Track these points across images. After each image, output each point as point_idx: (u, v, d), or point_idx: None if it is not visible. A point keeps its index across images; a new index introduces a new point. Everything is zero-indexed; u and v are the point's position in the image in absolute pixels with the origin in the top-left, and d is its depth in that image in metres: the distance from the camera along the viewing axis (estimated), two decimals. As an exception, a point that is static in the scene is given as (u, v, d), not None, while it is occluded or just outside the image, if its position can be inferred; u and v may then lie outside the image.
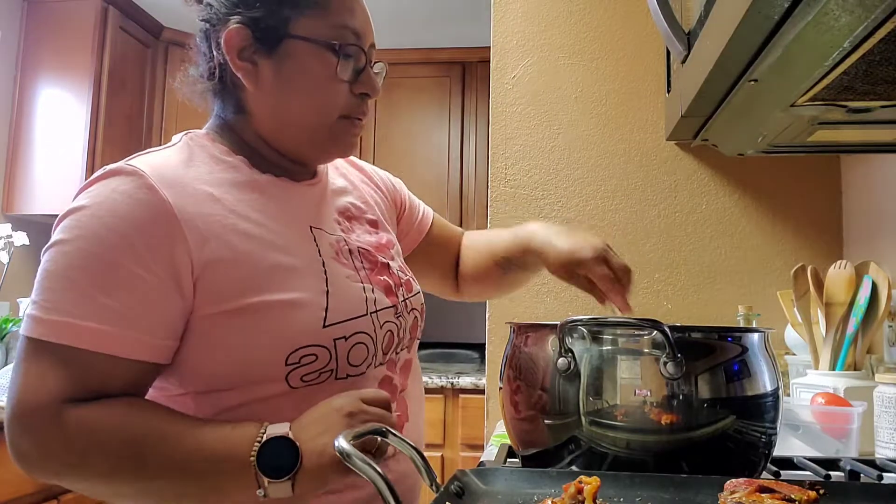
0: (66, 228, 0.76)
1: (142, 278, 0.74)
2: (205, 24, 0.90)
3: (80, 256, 0.74)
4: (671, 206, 1.76)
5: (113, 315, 0.73)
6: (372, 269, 0.91)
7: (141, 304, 0.74)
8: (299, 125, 0.86)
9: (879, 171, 1.53)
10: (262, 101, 0.86)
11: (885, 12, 0.71)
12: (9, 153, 2.88)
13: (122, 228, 0.74)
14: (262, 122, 0.87)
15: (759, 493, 0.67)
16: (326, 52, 0.84)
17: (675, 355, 0.78)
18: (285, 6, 0.83)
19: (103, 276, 0.74)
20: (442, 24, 3.27)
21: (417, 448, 0.74)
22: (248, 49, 0.84)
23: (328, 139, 0.87)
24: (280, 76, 0.84)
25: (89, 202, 0.76)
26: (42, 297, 0.74)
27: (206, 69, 0.89)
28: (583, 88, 1.82)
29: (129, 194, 0.75)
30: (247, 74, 0.84)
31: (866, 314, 1.26)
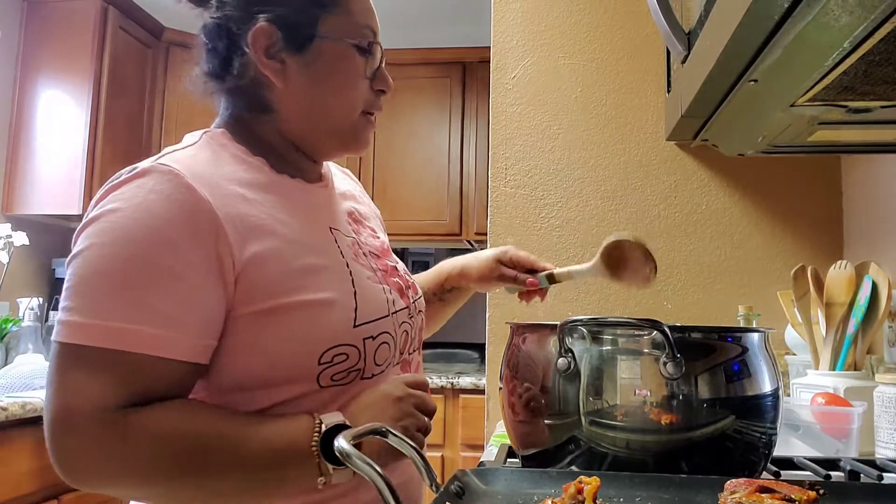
0: (101, 232, 0.74)
1: (186, 279, 0.74)
2: (218, 21, 0.88)
3: (120, 259, 0.73)
4: (671, 206, 1.76)
5: (159, 317, 0.72)
6: (385, 272, 0.93)
7: (186, 304, 0.74)
8: (328, 122, 0.88)
9: (879, 171, 1.53)
10: (291, 98, 0.86)
11: (885, 12, 0.71)
12: (9, 153, 2.88)
13: (163, 229, 0.73)
14: (288, 120, 0.87)
15: (759, 493, 0.67)
16: (353, 50, 0.86)
17: (675, 355, 0.78)
18: (314, 5, 0.85)
19: (147, 278, 0.73)
20: (442, 24, 3.27)
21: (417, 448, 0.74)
22: (275, 47, 0.84)
23: (351, 135, 0.90)
24: (310, 74, 0.85)
25: (123, 204, 0.74)
26: (81, 302, 0.72)
27: (218, 67, 0.88)
28: (583, 88, 1.82)
29: (166, 194, 0.74)
30: (275, 72, 0.85)
31: (866, 314, 1.26)
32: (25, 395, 2.07)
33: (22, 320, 2.58)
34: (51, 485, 2.08)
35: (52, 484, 2.08)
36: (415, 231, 3.43)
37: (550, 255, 1.78)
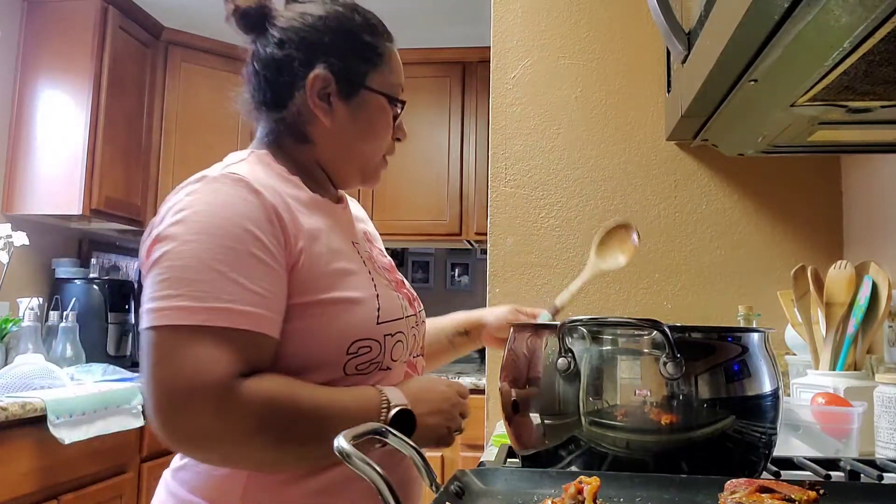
0: (188, 230, 0.84)
1: (271, 267, 0.86)
2: (281, 59, 0.98)
3: (217, 251, 0.83)
4: (671, 206, 1.76)
5: (259, 299, 0.84)
6: (396, 283, 1.05)
7: (273, 288, 0.85)
8: (357, 160, 1.03)
9: (879, 171, 1.53)
10: (331, 136, 0.99)
11: (885, 12, 0.71)
12: (9, 153, 2.88)
13: (247, 225, 0.85)
14: (323, 152, 1.01)
15: (759, 493, 0.67)
16: (388, 103, 1.02)
17: (675, 355, 0.78)
18: (364, 62, 0.99)
19: (244, 266, 0.84)
20: (442, 24, 3.27)
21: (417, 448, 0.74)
22: (326, 90, 0.97)
23: (371, 173, 1.05)
24: (352, 119, 0.99)
25: (203, 205, 0.86)
26: (188, 289, 0.81)
27: (272, 98, 1.00)
28: (583, 88, 1.82)
29: (241, 196, 0.86)
30: (323, 112, 0.98)
31: (866, 314, 1.26)
32: (25, 395, 2.07)
33: (22, 320, 2.58)
34: (51, 485, 2.08)
35: (52, 484, 2.08)
36: (415, 231, 3.43)
37: (550, 255, 1.79)
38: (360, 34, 1.00)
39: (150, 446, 2.61)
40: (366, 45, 1.00)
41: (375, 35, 1.01)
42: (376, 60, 1.01)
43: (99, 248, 3.34)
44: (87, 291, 2.92)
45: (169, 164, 3.32)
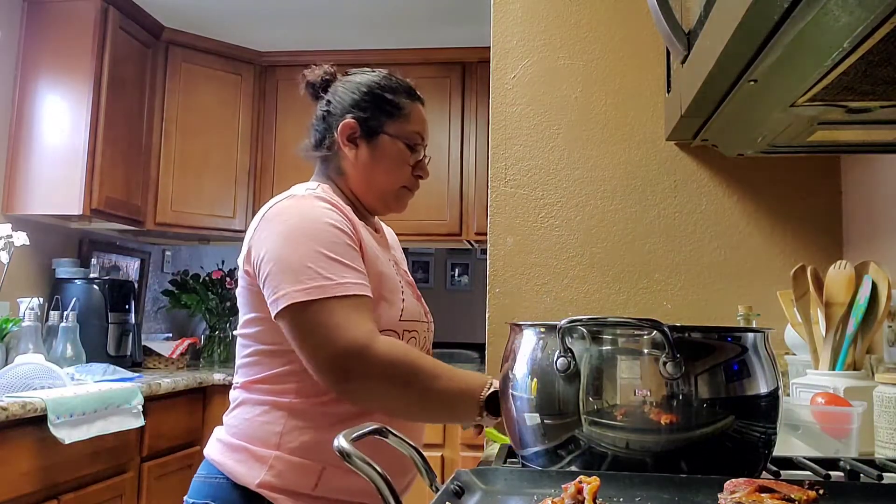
0: (294, 231, 1.14)
1: (359, 255, 1.17)
2: (325, 114, 1.33)
3: (325, 243, 1.13)
4: (671, 206, 1.77)
5: (362, 276, 1.15)
6: (416, 297, 1.34)
7: (364, 269, 1.16)
8: (378, 189, 1.32)
9: (879, 172, 1.53)
10: (357, 169, 1.30)
11: (885, 12, 0.71)
12: (9, 153, 2.88)
13: (338, 224, 1.16)
14: (353, 182, 1.31)
15: (759, 493, 0.67)
16: (403, 146, 1.31)
17: (675, 355, 0.79)
18: (383, 114, 1.30)
19: (346, 253, 1.14)
20: (442, 24, 3.27)
21: (417, 448, 0.75)
22: (354, 135, 1.29)
23: (393, 200, 1.35)
24: (372, 157, 1.30)
25: (301, 215, 1.17)
26: (314, 273, 1.10)
27: (317, 141, 1.34)
28: (583, 88, 1.82)
29: (326, 207, 1.19)
30: (350, 151, 1.29)
31: (866, 314, 1.26)
32: (25, 395, 2.07)
33: (22, 320, 2.58)
34: (51, 485, 2.08)
35: (52, 484, 2.09)
36: (415, 231, 3.43)
37: (550, 255, 1.79)
38: (384, 94, 1.30)
39: (151, 446, 2.61)
40: (387, 101, 1.30)
41: (398, 94, 1.32)
42: (395, 113, 1.30)
43: (99, 248, 3.34)
44: (88, 291, 2.92)
45: (169, 164, 3.32)
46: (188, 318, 3.92)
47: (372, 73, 1.34)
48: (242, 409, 1.20)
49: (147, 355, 3.23)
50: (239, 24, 3.28)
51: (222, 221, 3.41)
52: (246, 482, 1.13)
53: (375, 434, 0.74)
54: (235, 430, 1.19)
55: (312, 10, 3.15)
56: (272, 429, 1.15)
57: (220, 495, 1.15)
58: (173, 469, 2.71)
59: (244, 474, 1.14)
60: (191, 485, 1.20)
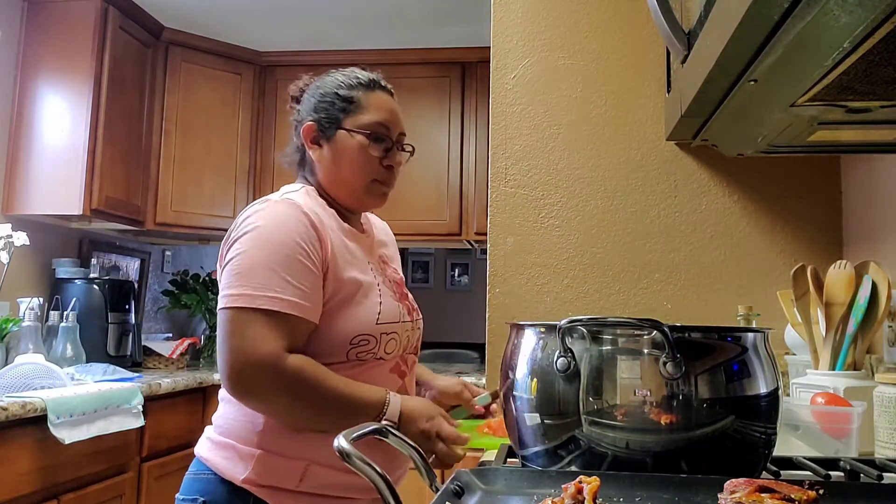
0: (253, 238, 1.16)
1: (312, 271, 1.16)
2: (295, 122, 1.36)
3: (275, 255, 1.14)
4: (671, 206, 1.77)
5: (301, 293, 1.14)
6: (401, 296, 1.34)
7: (312, 286, 1.16)
8: (346, 186, 1.31)
9: (879, 171, 1.53)
10: (325, 169, 1.31)
11: (885, 12, 0.71)
12: (9, 153, 2.88)
13: (297, 238, 1.16)
14: (325, 183, 1.32)
15: (759, 493, 0.67)
16: (364, 139, 1.29)
17: (675, 355, 0.79)
18: (338, 110, 1.30)
19: (294, 268, 1.14)
20: (442, 24, 3.27)
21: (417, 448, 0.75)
22: (315, 137, 1.31)
23: (363, 194, 1.31)
24: (334, 155, 1.30)
25: (266, 222, 1.17)
26: (252, 282, 1.12)
27: (294, 148, 1.37)
28: (583, 88, 1.82)
29: (295, 216, 1.18)
30: (315, 153, 1.31)
31: (866, 314, 1.26)
32: (25, 395, 2.07)
33: (22, 320, 2.57)
34: (51, 485, 2.08)
35: (52, 484, 2.08)
36: (415, 231, 3.43)
37: (550, 255, 1.79)
38: (337, 91, 1.31)
39: (150, 446, 2.61)
40: (340, 98, 1.30)
41: (353, 88, 1.31)
42: (349, 108, 1.29)
43: (99, 248, 3.34)
44: (88, 291, 2.92)
45: (169, 164, 3.32)
46: (188, 318, 3.92)
47: (331, 74, 1.35)
48: (226, 407, 1.23)
49: (147, 355, 3.23)
50: (239, 23, 3.27)
51: (222, 221, 3.41)
52: (232, 478, 1.17)
53: (375, 434, 0.74)
54: (222, 429, 1.22)
55: (312, 9, 3.15)
56: (252, 427, 1.18)
57: (209, 490, 1.19)
58: (173, 469, 2.71)
59: (230, 470, 1.18)
60: (182, 482, 1.24)
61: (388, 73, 1.39)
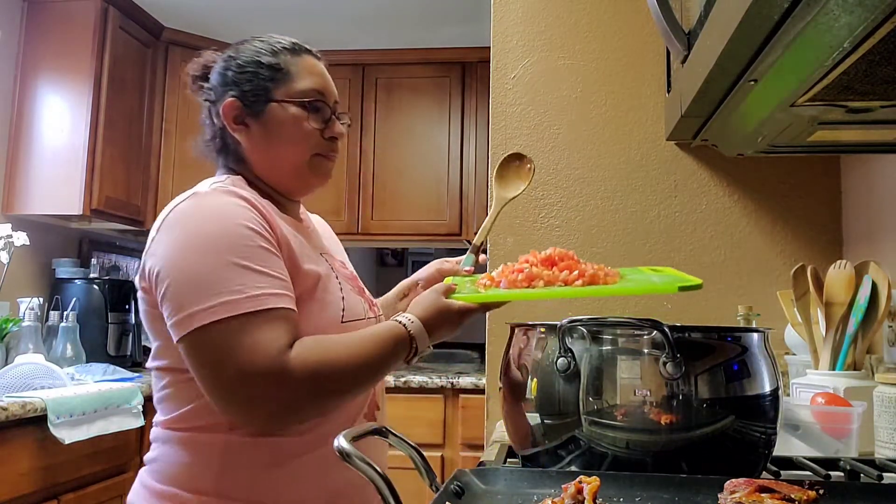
0: (200, 237, 0.95)
1: (277, 255, 0.98)
2: (205, 101, 1.16)
3: (235, 249, 0.94)
4: (671, 206, 1.76)
5: (281, 283, 0.96)
6: (359, 290, 1.18)
7: (284, 273, 0.98)
8: (286, 166, 1.11)
9: (879, 171, 1.53)
10: (256, 151, 1.11)
11: (885, 12, 0.71)
12: (9, 153, 2.88)
13: (250, 224, 0.97)
14: (259, 168, 1.12)
15: (759, 493, 0.67)
16: (298, 108, 1.10)
17: (675, 355, 0.79)
18: (265, 80, 1.10)
19: (261, 258, 0.95)
20: (442, 24, 3.27)
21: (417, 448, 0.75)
22: (239, 115, 1.10)
23: (308, 172, 1.12)
24: (266, 132, 1.10)
25: (206, 216, 0.98)
26: (224, 286, 0.91)
27: (209, 134, 1.16)
28: (583, 88, 1.82)
29: (235, 203, 0.99)
30: (242, 134, 1.10)
31: (866, 314, 1.26)
32: (25, 395, 2.07)
33: (22, 320, 2.57)
34: (51, 485, 2.08)
35: (52, 484, 2.08)
36: (415, 231, 3.43)
37: (550, 255, 1.78)
38: (259, 59, 1.11)
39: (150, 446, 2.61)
40: (265, 66, 1.11)
41: (277, 54, 1.11)
42: (277, 76, 1.10)
43: (99, 248, 3.34)
44: (88, 291, 2.92)
45: (169, 164, 3.32)
46: (188, 318, 3.92)
47: (244, 43, 1.15)
48: (168, 449, 1.02)
49: (147, 355, 3.23)
50: (239, 23, 3.27)
51: (222, 221, 3.41)
52: None
53: (375, 434, 0.73)
54: (162, 475, 1.01)
55: (312, 9, 3.15)
56: (205, 471, 0.97)
57: None
58: (173, 469, 2.71)
59: None
60: None
61: (388, 73, 1.32)
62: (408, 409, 2.80)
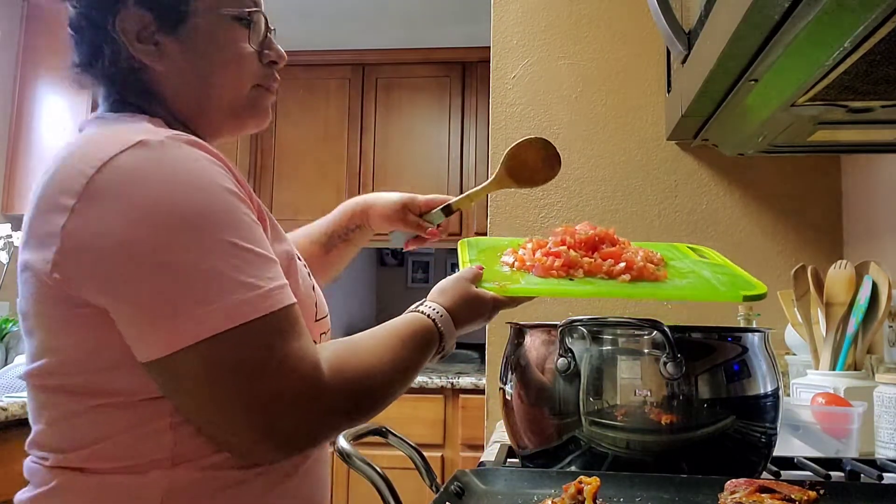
0: (180, 204, 0.67)
1: (264, 235, 0.74)
2: (81, 11, 0.88)
3: (233, 227, 0.69)
4: (671, 206, 1.76)
5: (281, 270, 0.72)
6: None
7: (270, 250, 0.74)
8: (218, 98, 0.83)
9: (879, 171, 1.53)
10: (174, 81, 0.81)
11: (885, 12, 0.71)
12: (9, 153, 2.88)
13: (238, 191, 0.72)
14: (176, 103, 0.82)
15: (760, 493, 0.67)
16: (232, 23, 0.83)
17: (675, 355, 0.78)
18: None
19: (259, 238, 0.71)
20: (442, 24, 3.27)
21: (417, 448, 0.74)
22: (148, 30, 0.80)
23: (246, 109, 0.86)
24: (190, 53, 0.81)
25: (179, 174, 0.69)
26: (237, 277, 0.66)
27: (87, 56, 0.87)
28: (583, 88, 1.82)
29: (211, 161, 0.72)
30: (151, 57, 0.80)
31: (866, 314, 1.26)
32: (25, 395, 2.07)
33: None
34: (51, 485, 2.08)
35: (51, 484, 2.08)
36: (415, 231, 3.42)
37: (550, 255, 1.78)
38: None
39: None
40: None
41: None
42: None
43: (99, 248, 3.35)
44: (87, 291, 2.92)
45: (169, 164, 3.32)
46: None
47: None
48: (70, 497, 0.79)
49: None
50: (239, 23, 3.28)
51: (222, 221, 3.41)
52: None
53: (375, 434, 0.73)
54: None
55: (312, 9, 3.15)
56: None
57: None
58: (173, 469, 2.71)
59: None
60: None
61: (388, 72, 1.21)
62: (408, 409, 2.80)
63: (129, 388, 0.70)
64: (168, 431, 0.71)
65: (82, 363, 0.72)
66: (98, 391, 0.71)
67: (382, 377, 0.77)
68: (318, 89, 3.52)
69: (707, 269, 0.99)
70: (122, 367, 0.70)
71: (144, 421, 0.71)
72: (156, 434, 0.71)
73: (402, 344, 0.81)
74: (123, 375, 0.70)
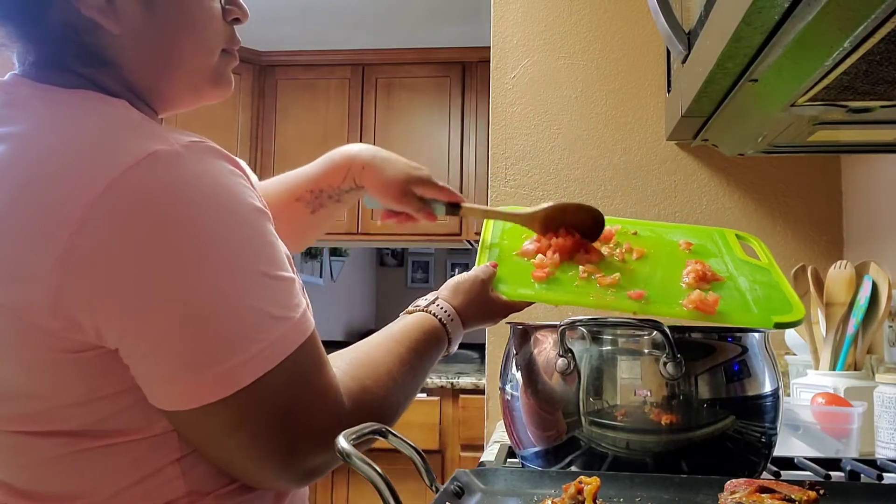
0: (210, 235, 0.59)
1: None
2: None
3: (263, 253, 0.63)
4: (671, 206, 1.76)
5: (297, 287, 0.67)
6: None
7: None
8: (185, 67, 0.72)
9: (879, 171, 1.53)
10: (131, 45, 0.68)
11: (885, 12, 0.71)
12: None
13: (263, 208, 0.65)
14: (132, 71, 0.69)
15: (760, 493, 0.67)
16: None
17: (675, 355, 0.78)
18: None
19: (283, 259, 0.66)
20: (442, 24, 3.27)
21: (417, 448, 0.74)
22: None
23: (214, 78, 0.74)
24: (152, 13, 0.68)
25: (205, 196, 0.60)
26: (271, 311, 0.61)
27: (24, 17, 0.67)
28: (583, 88, 1.82)
29: (235, 175, 0.65)
30: (104, 15, 0.65)
31: (866, 314, 1.26)
32: None
33: None
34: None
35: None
36: (414, 231, 3.43)
37: (550, 255, 1.78)
38: None
39: None
40: None
41: None
42: None
43: (99, 248, 3.34)
44: (87, 291, 2.92)
45: (169, 164, 3.32)
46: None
47: None
48: None
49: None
50: (239, 23, 3.28)
51: (222, 221, 3.41)
52: None
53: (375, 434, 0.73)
54: None
55: (312, 9, 3.15)
56: None
57: None
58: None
59: None
60: None
61: (388, 72, 1.17)
62: (407, 409, 2.80)
63: (135, 423, 0.63)
64: (175, 465, 0.64)
65: (92, 402, 0.62)
66: (109, 429, 0.63)
67: (399, 397, 0.77)
68: (318, 89, 3.52)
69: (745, 277, 0.95)
70: (125, 410, 0.63)
71: (150, 460, 0.64)
72: (164, 473, 0.64)
73: (418, 356, 0.81)
74: (132, 412, 0.63)
